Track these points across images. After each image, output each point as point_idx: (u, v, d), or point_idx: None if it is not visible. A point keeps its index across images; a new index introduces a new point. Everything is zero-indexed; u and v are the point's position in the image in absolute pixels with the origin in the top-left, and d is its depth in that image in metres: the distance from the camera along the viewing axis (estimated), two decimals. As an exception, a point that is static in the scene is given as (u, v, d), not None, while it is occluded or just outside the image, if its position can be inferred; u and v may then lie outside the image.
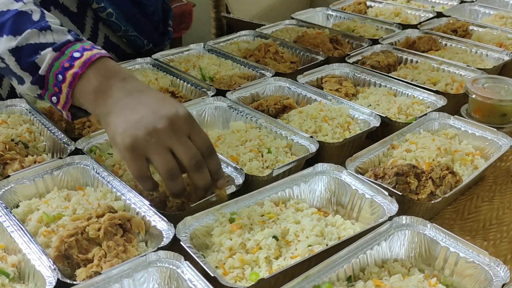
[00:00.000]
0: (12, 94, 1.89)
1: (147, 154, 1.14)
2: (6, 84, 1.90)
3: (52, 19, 1.31)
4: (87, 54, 1.23)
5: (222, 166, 1.38)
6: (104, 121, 1.21)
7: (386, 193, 1.27)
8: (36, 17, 1.28)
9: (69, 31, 1.29)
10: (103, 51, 1.26)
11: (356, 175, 1.36)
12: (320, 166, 1.38)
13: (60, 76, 1.23)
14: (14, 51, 1.25)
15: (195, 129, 1.18)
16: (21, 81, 1.29)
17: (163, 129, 1.13)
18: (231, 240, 1.18)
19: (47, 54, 1.24)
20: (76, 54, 1.23)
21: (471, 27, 2.41)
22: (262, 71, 1.98)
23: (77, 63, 1.22)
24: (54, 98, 1.27)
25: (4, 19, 1.26)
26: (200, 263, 1.08)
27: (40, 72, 1.25)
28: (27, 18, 1.26)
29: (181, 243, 1.14)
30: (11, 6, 1.27)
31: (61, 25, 1.30)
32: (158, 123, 1.13)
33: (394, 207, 1.24)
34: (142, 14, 2.05)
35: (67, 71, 1.22)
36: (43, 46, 1.25)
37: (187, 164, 1.15)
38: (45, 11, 1.31)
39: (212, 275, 1.04)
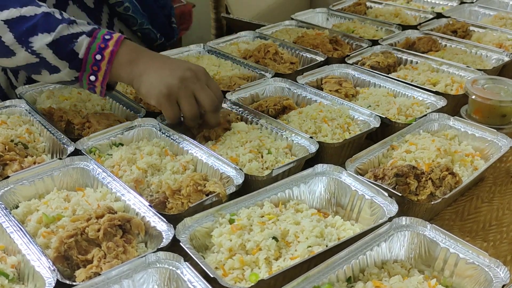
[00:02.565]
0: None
1: (178, 99, 1.46)
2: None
3: (71, 16, 1.54)
4: (115, 36, 1.49)
5: (222, 166, 1.41)
6: (138, 82, 1.48)
7: (386, 194, 1.27)
8: (59, 16, 1.50)
9: (88, 22, 1.53)
10: (123, 35, 1.53)
11: (356, 176, 1.35)
12: (320, 167, 1.38)
13: (98, 56, 1.47)
14: (51, 45, 1.46)
15: (211, 79, 1.53)
16: (55, 70, 1.50)
17: (190, 77, 1.46)
18: (230, 241, 1.18)
19: (83, 40, 1.47)
20: (107, 36, 1.49)
21: (471, 28, 2.41)
22: (262, 72, 1.98)
23: (111, 43, 1.48)
24: (92, 77, 1.50)
25: (35, 21, 1.47)
26: (200, 264, 1.08)
27: (79, 56, 1.47)
28: (53, 17, 1.49)
29: (180, 244, 1.14)
30: (37, 11, 1.49)
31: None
32: (186, 73, 1.46)
33: (394, 208, 1.23)
34: (156, 5, 2.17)
35: (104, 50, 1.47)
36: (76, 35, 1.48)
37: (208, 107, 1.48)
38: (62, 11, 1.54)
39: (212, 276, 1.04)
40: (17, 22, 1.47)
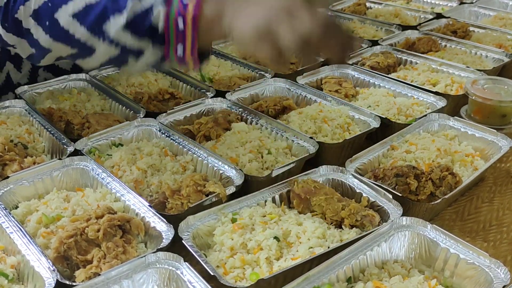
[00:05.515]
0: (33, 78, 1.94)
1: (278, 30, 1.16)
2: (26, 67, 1.92)
3: None
4: None
5: (222, 166, 1.40)
6: (231, 27, 1.23)
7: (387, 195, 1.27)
8: None
9: None
10: None
11: (356, 176, 1.35)
12: (323, 169, 1.37)
13: (181, 25, 1.27)
14: (127, 26, 1.29)
15: (312, 7, 1.22)
16: (139, 53, 1.33)
17: (287, 5, 1.17)
18: (232, 240, 1.18)
19: (160, 12, 1.27)
20: (185, 1, 1.27)
21: (470, 28, 2.41)
22: (262, 72, 1.98)
23: (190, 6, 1.26)
24: (179, 49, 1.30)
25: (102, 5, 1.30)
26: (201, 261, 1.08)
27: (159, 29, 1.28)
28: None
29: (183, 241, 1.14)
30: None
31: None
32: (281, 1, 1.18)
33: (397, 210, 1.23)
34: None
35: (185, 17, 1.26)
36: (150, 8, 1.28)
37: (320, 29, 1.17)
38: None
39: (212, 273, 1.04)
40: (85, 13, 1.31)
